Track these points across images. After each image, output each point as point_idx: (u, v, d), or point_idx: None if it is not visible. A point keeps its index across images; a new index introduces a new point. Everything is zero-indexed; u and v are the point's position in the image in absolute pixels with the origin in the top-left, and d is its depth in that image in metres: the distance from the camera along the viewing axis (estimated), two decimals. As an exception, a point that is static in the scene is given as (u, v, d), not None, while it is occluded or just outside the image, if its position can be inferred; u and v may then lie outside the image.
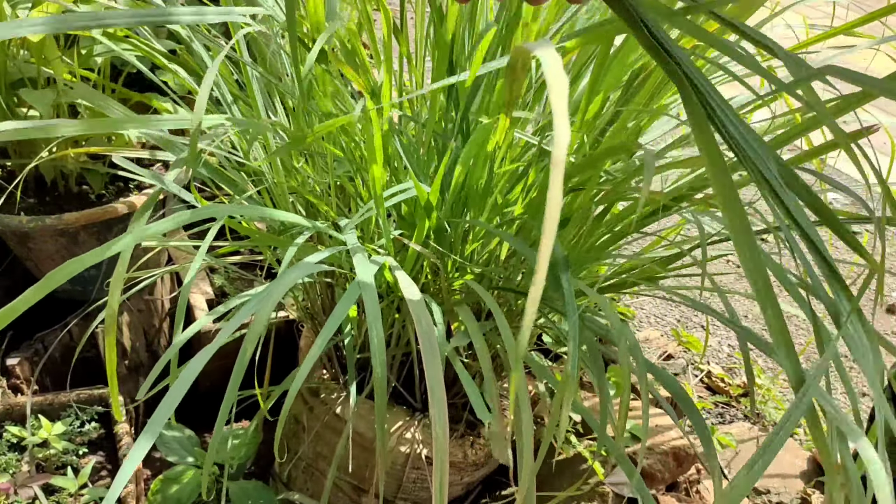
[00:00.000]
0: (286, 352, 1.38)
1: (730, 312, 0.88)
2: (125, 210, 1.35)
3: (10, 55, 1.28)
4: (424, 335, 0.62)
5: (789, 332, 0.42)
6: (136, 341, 1.50)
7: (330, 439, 1.14)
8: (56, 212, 1.33)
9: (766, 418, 1.71)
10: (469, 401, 1.17)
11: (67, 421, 1.21)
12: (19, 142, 1.35)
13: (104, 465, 1.19)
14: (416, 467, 1.11)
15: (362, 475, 1.14)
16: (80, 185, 1.44)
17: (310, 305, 1.20)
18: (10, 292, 1.53)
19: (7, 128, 0.67)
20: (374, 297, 0.67)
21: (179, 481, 1.19)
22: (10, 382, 1.30)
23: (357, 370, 1.13)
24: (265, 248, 1.14)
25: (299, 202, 1.11)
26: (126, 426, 1.21)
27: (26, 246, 1.36)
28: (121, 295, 0.83)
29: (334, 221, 1.02)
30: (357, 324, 1.11)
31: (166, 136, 0.94)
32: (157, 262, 1.56)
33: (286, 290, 0.68)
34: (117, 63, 1.47)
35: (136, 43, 1.10)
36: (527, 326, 0.32)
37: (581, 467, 1.36)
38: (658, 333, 1.84)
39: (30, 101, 1.21)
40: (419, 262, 0.99)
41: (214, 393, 1.48)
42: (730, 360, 1.93)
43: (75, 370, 1.36)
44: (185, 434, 1.27)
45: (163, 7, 1.02)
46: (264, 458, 1.45)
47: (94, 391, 1.27)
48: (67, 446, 1.17)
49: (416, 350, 1.06)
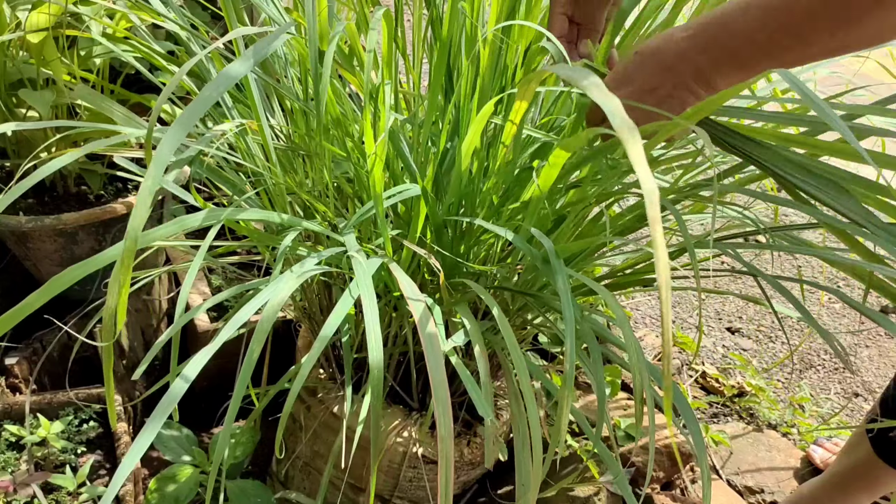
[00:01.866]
0: (283, 351, 1.39)
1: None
2: (124, 210, 1.35)
3: (9, 56, 1.28)
4: (428, 338, 0.63)
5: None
6: (134, 341, 1.50)
7: (327, 438, 1.15)
8: (55, 212, 1.33)
9: (759, 418, 1.72)
10: (465, 400, 1.19)
11: (66, 420, 1.21)
12: (18, 142, 1.35)
13: (102, 464, 1.20)
14: (412, 466, 1.12)
15: (360, 474, 1.15)
16: (79, 185, 1.44)
17: (307, 305, 1.20)
18: (8, 292, 1.54)
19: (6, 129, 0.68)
20: (373, 299, 0.68)
21: (177, 480, 1.20)
22: (8, 381, 1.31)
23: (354, 369, 1.14)
24: (263, 248, 1.15)
25: (297, 203, 1.12)
26: (124, 425, 1.22)
27: (25, 246, 1.37)
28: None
29: (332, 223, 1.03)
30: (355, 323, 1.11)
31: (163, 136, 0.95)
32: (155, 261, 1.56)
33: (292, 290, 0.69)
34: (116, 64, 1.48)
35: (135, 44, 1.11)
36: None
37: (577, 465, 1.37)
38: (653, 334, 1.85)
39: (29, 102, 1.21)
40: (415, 261, 1.00)
41: (210, 392, 1.49)
42: (724, 361, 1.95)
43: (74, 369, 1.36)
44: (183, 433, 1.27)
45: (161, 9, 1.03)
46: (262, 457, 1.46)
47: (93, 390, 1.28)
48: (66, 445, 1.18)
49: (413, 349, 1.07)
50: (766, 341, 2.07)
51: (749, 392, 1.77)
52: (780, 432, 1.70)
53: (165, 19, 1.02)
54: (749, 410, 1.74)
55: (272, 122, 1.12)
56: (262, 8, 1.02)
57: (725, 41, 0.65)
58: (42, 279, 1.46)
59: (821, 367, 2.02)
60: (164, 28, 1.11)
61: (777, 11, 0.61)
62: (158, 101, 0.60)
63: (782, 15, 0.61)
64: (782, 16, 0.61)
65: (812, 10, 0.60)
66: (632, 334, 0.76)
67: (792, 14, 0.60)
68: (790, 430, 1.71)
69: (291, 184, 1.03)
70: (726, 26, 0.64)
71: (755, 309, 2.18)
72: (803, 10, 0.60)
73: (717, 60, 0.66)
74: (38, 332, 1.40)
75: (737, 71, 0.66)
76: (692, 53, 0.66)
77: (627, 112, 0.66)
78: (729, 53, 0.65)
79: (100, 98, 1.02)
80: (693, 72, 0.67)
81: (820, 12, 0.59)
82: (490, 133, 1.02)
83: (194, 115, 0.58)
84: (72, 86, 1.24)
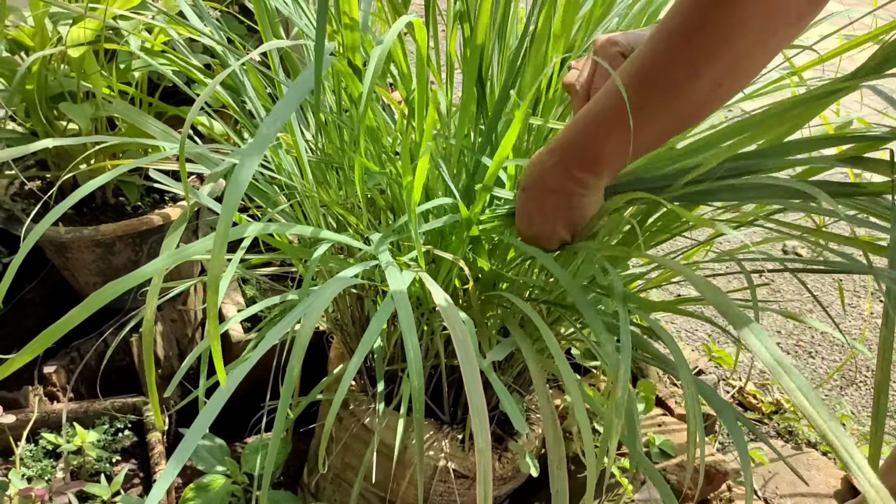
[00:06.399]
0: (315, 361, 1.39)
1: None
2: (160, 221, 1.37)
3: (51, 69, 1.31)
4: (463, 352, 0.62)
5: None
6: (169, 350, 1.52)
7: (358, 450, 1.15)
8: (93, 222, 1.36)
9: (798, 436, 1.68)
10: (496, 415, 1.17)
11: (101, 429, 1.23)
12: (59, 154, 1.38)
13: (136, 473, 1.21)
14: (443, 480, 1.11)
15: (390, 487, 1.14)
16: (117, 196, 1.47)
17: (339, 317, 1.20)
18: (48, 299, 1.56)
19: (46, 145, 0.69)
20: (410, 314, 0.67)
21: (210, 490, 1.20)
22: (46, 390, 1.33)
23: (386, 381, 1.14)
24: (296, 261, 1.15)
25: (330, 214, 1.12)
26: (158, 434, 1.23)
27: (64, 256, 1.39)
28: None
29: (364, 236, 1.02)
30: (387, 336, 1.11)
31: (200, 150, 0.96)
32: (190, 271, 1.58)
33: (326, 304, 0.69)
34: (154, 77, 1.50)
35: (173, 58, 1.12)
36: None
37: (610, 482, 1.34)
38: (689, 348, 1.82)
39: (69, 115, 1.24)
40: (449, 273, 0.99)
41: (242, 400, 1.50)
42: (762, 376, 1.90)
43: (110, 378, 1.38)
44: (216, 443, 1.28)
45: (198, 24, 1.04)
46: (293, 468, 1.46)
47: (129, 399, 1.29)
48: (101, 454, 1.19)
49: (445, 363, 1.06)
50: (805, 356, 2.03)
51: (787, 409, 1.73)
52: (820, 451, 1.65)
53: (201, 34, 1.04)
54: (787, 428, 1.70)
55: (307, 136, 1.13)
56: (295, 21, 1.03)
57: (582, 149, 0.71)
58: (80, 288, 1.49)
59: (862, 385, 1.97)
60: (201, 42, 1.12)
61: (621, 83, 0.63)
62: (190, 114, 0.61)
63: (633, 79, 0.62)
64: (633, 79, 0.62)
65: (664, 60, 0.60)
66: (680, 353, 0.74)
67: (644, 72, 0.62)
68: (827, 447, 1.67)
69: (324, 196, 1.03)
70: (582, 132, 0.71)
71: (794, 323, 2.13)
72: (656, 65, 0.61)
73: (583, 162, 0.71)
74: (76, 340, 1.42)
75: (616, 157, 0.70)
76: (563, 170, 0.73)
77: (552, 235, 0.79)
78: (592, 156, 0.71)
79: (136, 112, 1.04)
80: (575, 182, 0.73)
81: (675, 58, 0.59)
82: (527, 142, 1.01)
83: (260, 149, 0.59)
84: (111, 98, 1.26)
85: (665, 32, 0.59)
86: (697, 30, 0.57)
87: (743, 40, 0.55)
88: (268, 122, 0.60)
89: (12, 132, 1.35)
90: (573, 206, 0.76)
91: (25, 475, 1.14)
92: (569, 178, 0.73)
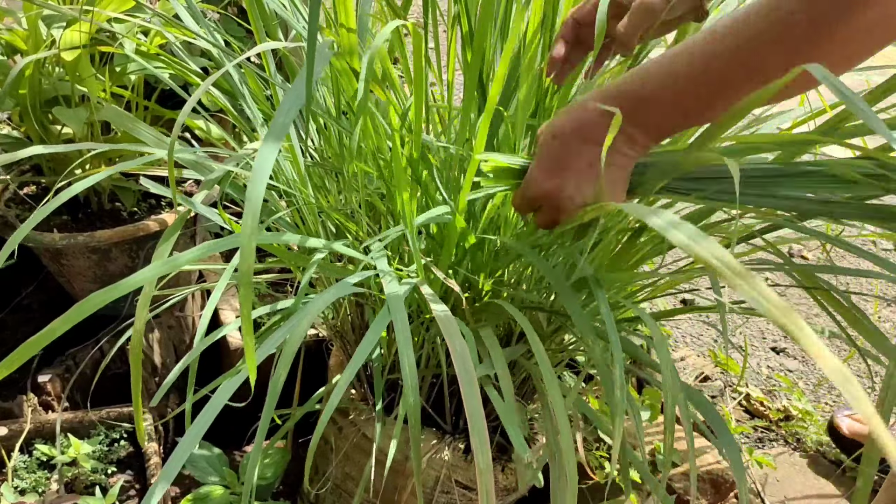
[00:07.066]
0: (315, 369, 1.37)
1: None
2: (157, 227, 1.35)
3: (44, 73, 1.29)
4: (462, 367, 0.60)
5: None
6: (167, 358, 1.50)
7: (359, 460, 1.12)
8: (89, 229, 1.34)
9: (806, 443, 1.65)
10: (499, 424, 1.15)
11: (96, 439, 1.21)
12: (53, 159, 1.36)
13: (132, 485, 1.19)
14: (445, 491, 1.08)
15: (391, 498, 1.12)
16: (113, 202, 1.45)
17: (339, 324, 1.18)
18: (44, 306, 1.54)
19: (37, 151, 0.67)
20: (406, 326, 0.65)
21: (208, 500, 1.18)
22: (41, 399, 1.31)
23: (386, 389, 1.12)
24: (294, 267, 1.13)
25: (329, 220, 1.10)
26: (154, 445, 1.21)
27: (59, 262, 1.37)
28: (150, 312, 0.82)
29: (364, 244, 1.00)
30: (387, 344, 1.09)
31: (195, 157, 0.94)
32: (188, 278, 1.56)
33: (320, 310, 0.67)
34: (151, 80, 1.48)
35: (169, 61, 1.10)
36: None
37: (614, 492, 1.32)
38: (694, 354, 1.79)
39: (63, 119, 1.22)
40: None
41: (238, 409, 1.47)
42: (769, 383, 1.88)
43: (107, 386, 1.36)
44: (214, 453, 1.26)
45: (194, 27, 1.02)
46: (292, 478, 1.44)
47: (124, 409, 1.27)
48: (96, 465, 1.17)
49: (447, 372, 1.04)
50: (812, 361, 2.00)
51: (795, 416, 1.70)
52: (829, 458, 1.62)
53: (197, 37, 1.02)
54: (795, 435, 1.67)
55: (304, 139, 1.10)
56: (292, 24, 1.01)
57: (656, 105, 0.64)
58: (76, 295, 1.46)
59: (871, 391, 1.94)
60: (198, 45, 1.10)
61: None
62: (179, 118, 0.59)
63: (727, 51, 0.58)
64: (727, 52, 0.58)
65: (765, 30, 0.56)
66: (668, 356, 0.72)
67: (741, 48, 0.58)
68: (840, 456, 1.64)
69: (322, 203, 1.01)
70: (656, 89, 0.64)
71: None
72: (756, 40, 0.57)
73: (647, 120, 0.65)
74: (71, 349, 1.40)
75: (679, 119, 0.65)
76: (615, 122, 0.62)
77: (576, 193, 0.68)
78: (660, 117, 0.65)
79: (128, 119, 1.02)
80: (625, 139, 0.66)
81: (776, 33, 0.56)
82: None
83: (278, 137, 0.57)
84: (105, 103, 1.24)
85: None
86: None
87: (864, 15, 0.53)
88: (282, 110, 0.59)
89: (6, 137, 1.34)
90: (612, 166, 0.67)
91: (18, 487, 1.12)
92: (620, 133, 0.64)
